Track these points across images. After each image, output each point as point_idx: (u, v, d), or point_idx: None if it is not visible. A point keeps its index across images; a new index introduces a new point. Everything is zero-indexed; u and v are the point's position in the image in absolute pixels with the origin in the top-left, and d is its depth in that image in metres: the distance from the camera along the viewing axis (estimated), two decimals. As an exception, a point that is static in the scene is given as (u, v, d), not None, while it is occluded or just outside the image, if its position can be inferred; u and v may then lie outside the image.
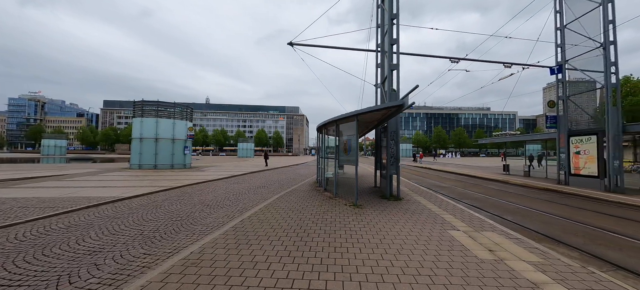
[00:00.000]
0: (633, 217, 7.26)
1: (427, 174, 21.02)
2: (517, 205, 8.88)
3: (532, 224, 6.57)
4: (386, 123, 9.14)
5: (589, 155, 11.96)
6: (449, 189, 12.62)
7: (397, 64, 9.29)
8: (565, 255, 4.39)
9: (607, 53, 11.87)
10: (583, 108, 13.47)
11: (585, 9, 12.73)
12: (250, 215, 6.53)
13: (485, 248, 4.53)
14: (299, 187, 11.67)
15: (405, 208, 7.46)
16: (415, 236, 5.08)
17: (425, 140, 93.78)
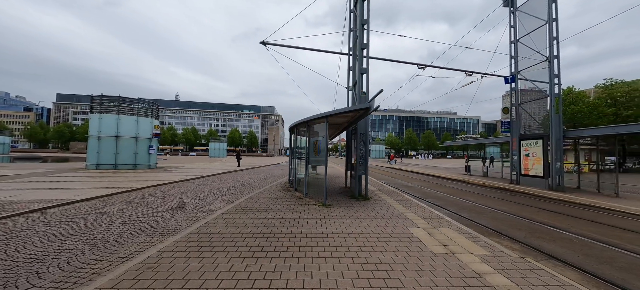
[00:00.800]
0: (568, 212, 8.20)
1: (397, 175, 21.89)
2: (474, 203, 9.60)
3: (483, 220, 7.16)
4: (356, 125, 9.40)
5: (536, 157, 13.26)
6: (415, 189, 13.28)
7: (367, 68, 9.61)
8: (508, 247, 4.86)
9: (552, 66, 13.26)
10: (532, 115, 14.91)
11: (534, 25, 14.12)
12: (216, 217, 6.37)
13: (440, 243, 4.87)
14: (270, 188, 11.57)
15: (372, 207, 7.74)
16: (378, 234, 5.31)
17: (397, 142, 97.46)
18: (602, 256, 4.70)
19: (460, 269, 3.84)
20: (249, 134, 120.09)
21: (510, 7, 15.79)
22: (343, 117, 8.51)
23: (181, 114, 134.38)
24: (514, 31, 15.60)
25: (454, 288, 3.31)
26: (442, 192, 12.36)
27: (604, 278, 3.88)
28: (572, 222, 6.95)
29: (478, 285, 3.39)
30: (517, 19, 15.38)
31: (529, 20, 14.55)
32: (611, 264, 4.36)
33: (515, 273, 3.73)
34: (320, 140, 8.73)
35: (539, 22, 13.84)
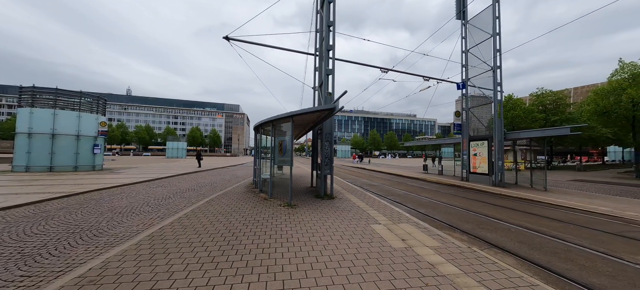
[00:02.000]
0: (507, 205, 9.24)
1: (361, 174, 22.62)
2: (430, 199, 10.33)
3: (438, 214, 7.74)
4: (322, 125, 9.50)
5: (482, 156, 14.72)
6: (378, 187, 13.85)
7: (333, 69, 9.76)
8: (458, 239, 5.32)
9: (495, 75, 14.82)
10: (479, 118, 16.51)
11: (482, 38, 15.65)
12: (172, 221, 5.95)
13: (399, 238, 5.14)
14: (234, 189, 11.15)
15: (336, 206, 7.89)
16: (342, 231, 5.43)
17: (361, 142, 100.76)
18: (533, 243, 5.38)
19: (416, 261, 4.10)
20: (211, 132, 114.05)
21: (462, 20, 17.28)
22: (309, 117, 8.54)
23: (134, 110, 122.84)
24: (465, 42, 17.11)
25: (411, 279, 3.52)
26: (402, 190, 13.08)
27: (534, 261, 4.45)
28: (510, 214, 7.85)
29: (431, 275, 3.66)
30: (468, 31, 16.90)
31: (478, 33, 16.08)
32: (540, 249, 5.02)
33: (463, 262, 4.10)
34: (286, 140, 8.65)
35: (486, 35, 15.37)
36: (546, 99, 31.49)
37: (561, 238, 5.65)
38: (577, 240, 5.49)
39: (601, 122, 23.30)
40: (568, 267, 4.24)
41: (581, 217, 7.55)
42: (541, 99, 31.81)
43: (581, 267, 4.26)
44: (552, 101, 31.23)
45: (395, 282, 3.42)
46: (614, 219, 7.40)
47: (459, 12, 17.26)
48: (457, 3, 17.32)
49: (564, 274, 4.00)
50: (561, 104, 31.10)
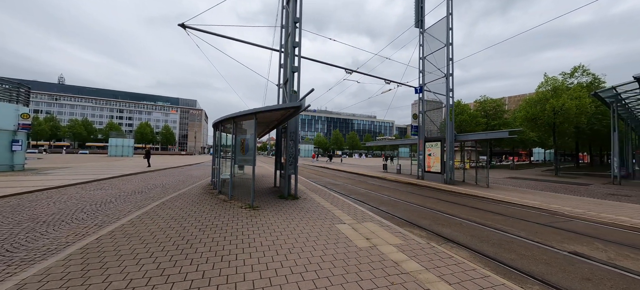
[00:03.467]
0: (457, 201, 10.05)
1: (325, 173, 22.79)
2: (390, 197, 10.76)
3: (399, 212, 8.06)
4: (286, 123, 9.25)
5: (436, 156, 15.87)
6: (341, 186, 14.04)
7: (299, 66, 9.56)
8: (418, 235, 5.55)
9: (448, 82, 16.09)
10: (434, 121, 17.79)
11: (437, 47, 16.85)
12: (113, 229, 5.19)
13: (364, 237, 5.18)
14: (189, 190, 10.28)
15: (301, 206, 7.72)
16: (307, 233, 5.28)
17: (324, 141, 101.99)
18: (482, 236, 5.87)
19: (381, 260, 4.14)
20: (163, 129, 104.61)
21: (420, 29, 18.42)
22: (273, 115, 8.22)
23: (67, 101, 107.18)
24: (422, 49, 18.27)
25: (377, 279, 3.52)
26: (364, 188, 13.43)
27: (485, 253, 4.83)
28: (461, 210, 8.52)
29: (396, 273, 3.71)
30: (425, 40, 18.08)
31: (433, 42, 17.29)
32: (488, 242, 5.48)
33: (424, 258, 4.25)
34: (248, 138, 8.22)
35: (440, 44, 16.60)
36: (487, 106, 35.35)
37: (504, 230, 6.27)
38: (516, 232, 6.14)
39: (530, 127, 26.88)
40: (512, 257, 4.68)
41: (517, 211, 8.52)
42: (483, 105, 35.60)
43: (522, 256, 4.74)
44: (492, 108, 35.18)
45: (362, 284, 3.39)
46: (542, 211, 8.49)
47: (417, 21, 18.36)
48: (416, 13, 18.41)
49: (509, 264, 4.39)
50: (499, 111, 35.21)
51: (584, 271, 4.17)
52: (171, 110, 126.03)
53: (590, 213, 7.98)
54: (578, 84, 25.20)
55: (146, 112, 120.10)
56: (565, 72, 25.98)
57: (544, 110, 23.47)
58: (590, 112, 22.95)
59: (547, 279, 3.90)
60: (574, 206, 9.01)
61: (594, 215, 7.77)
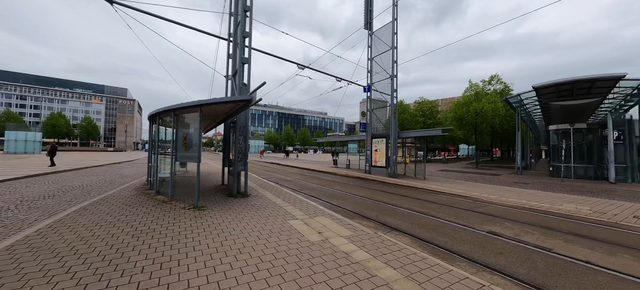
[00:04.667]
0: (400, 193, 10.98)
1: (276, 169, 22.45)
2: (341, 191, 11.16)
3: (348, 205, 8.42)
4: (235, 117, 8.77)
5: (381, 152, 17.02)
6: (293, 182, 14.01)
7: (249, 58, 9.15)
8: (366, 226, 5.88)
9: (392, 82, 17.35)
10: (380, 119, 19.02)
11: (383, 49, 17.98)
12: (13, 243, 4.22)
13: (317, 231, 5.25)
14: (119, 192, 8.99)
15: (251, 204, 7.44)
16: (258, 231, 5.12)
17: (276, 137, 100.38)
18: (420, 223, 6.52)
19: (333, 252, 4.25)
20: (84, 121, 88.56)
21: (369, 30, 19.38)
22: (221, 108, 7.71)
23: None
24: (370, 50, 19.28)
25: (329, 271, 3.60)
26: (316, 183, 13.65)
27: (423, 238, 5.37)
28: (403, 200, 9.32)
29: (347, 263, 3.86)
30: (373, 42, 19.12)
31: (380, 44, 18.40)
32: (425, 228, 6.11)
33: (371, 247, 4.52)
34: (192, 132, 7.55)
35: (386, 47, 17.75)
36: (425, 107, 39.33)
37: (437, 216, 7.07)
38: (447, 217, 6.99)
39: (457, 126, 30.88)
40: (444, 240, 5.31)
41: (448, 199, 9.71)
42: (421, 106, 39.50)
43: (453, 238, 5.42)
44: (429, 108, 39.29)
45: (315, 277, 3.43)
46: (467, 198, 9.85)
47: (366, 23, 19.27)
48: (365, 15, 19.30)
49: (441, 245, 4.97)
50: (434, 111, 39.53)
51: (498, 247, 4.97)
52: (94, 99, 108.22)
53: (501, 198, 9.56)
54: (494, 91, 29.86)
55: (60, 101, 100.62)
56: (484, 79, 30.50)
57: (468, 112, 27.19)
58: (502, 114, 27.44)
59: (471, 256, 4.54)
60: (490, 193, 10.68)
61: (503, 200, 9.34)
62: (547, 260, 4.41)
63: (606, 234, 5.83)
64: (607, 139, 16.61)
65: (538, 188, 12.79)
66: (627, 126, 17.09)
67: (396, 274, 3.60)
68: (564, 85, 14.70)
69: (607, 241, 5.37)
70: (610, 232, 6.01)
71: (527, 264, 4.23)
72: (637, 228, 6.25)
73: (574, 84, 14.54)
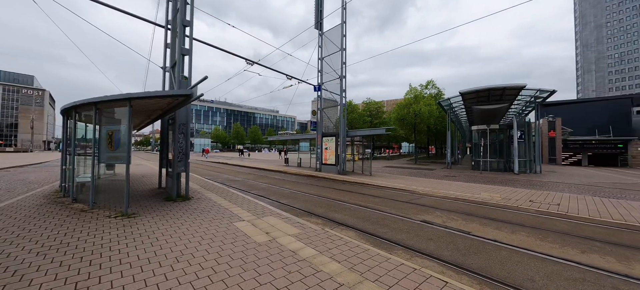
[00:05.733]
0: (347, 189, 11.47)
1: (223, 169, 21.26)
2: (291, 190, 11.14)
3: (298, 203, 8.46)
4: (174, 114, 8.01)
5: (331, 150, 17.53)
6: (241, 182, 13.46)
7: (190, 49, 8.45)
8: (314, 223, 5.99)
9: (342, 83, 17.99)
10: (330, 118, 19.55)
11: (333, 50, 18.50)
12: None
13: (264, 232, 5.15)
14: (20, 201, 7.40)
15: (193, 207, 6.91)
16: (199, 236, 4.78)
17: (224, 135, 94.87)
18: (365, 216, 6.92)
19: (280, 251, 4.22)
20: (-31, 114, 70.27)
21: (319, 30, 19.69)
22: (156, 103, 6.94)
23: None
24: (321, 50, 19.63)
25: (275, 271, 3.57)
26: (265, 183, 13.35)
27: (366, 231, 5.71)
28: (350, 196, 9.76)
29: (293, 261, 3.87)
30: (323, 42, 19.50)
31: (330, 45, 18.88)
32: (369, 221, 6.51)
33: (319, 243, 4.62)
34: (121, 130, 6.63)
35: (336, 48, 18.30)
36: (371, 107, 41.82)
37: (380, 210, 7.61)
38: (388, 210, 7.57)
39: (399, 126, 33.65)
40: (385, 231, 5.74)
41: (390, 193, 10.52)
42: (369, 106, 41.90)
43: (392, 229, 5.89)
44: (375, 109, 41.89)
45: (260, 278, 3.36)
46: (406, 192, 10.81)
47: (317, 23, 19.53)
48: (316, 15, 19.54)
49: (382, 236, 5.37)
50: (380, 112, 42.32)
51: (429, 233, 5.59)
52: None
53: (434, 190, 10.76)
54: (429, 95, 33.36)
55: None
56: (422, 84, 33.85)
57: (409, 113, 29.86)
58: (436, 116, 30.85)
59: (407, 244, 5.00)
60: (425, 186, 11.92)
61: (435, 191, 10.52)
62: (466, 242, 5.13)
63: (510, 216, 7.05)
64: (513, 138, 20.08)
65: (463, 180, 14.77)
66: (527, 127, 20.93)
67: (340, 267, 3.75)
68: (482, 92, 17.23)
69: (510, 222, 6.50)
70: (513, 214, 7.29)
71: (451, 247, 4.85)
72: (531, 209, 7.71)
73: (489, 91, 17.14)
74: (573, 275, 3.83)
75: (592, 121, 53.51)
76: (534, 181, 15.32)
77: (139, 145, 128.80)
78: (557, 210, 7.58)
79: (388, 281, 3.38)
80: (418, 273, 3.60)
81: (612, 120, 54.85)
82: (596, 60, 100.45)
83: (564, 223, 6.49)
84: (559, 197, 9.46)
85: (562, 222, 6.54)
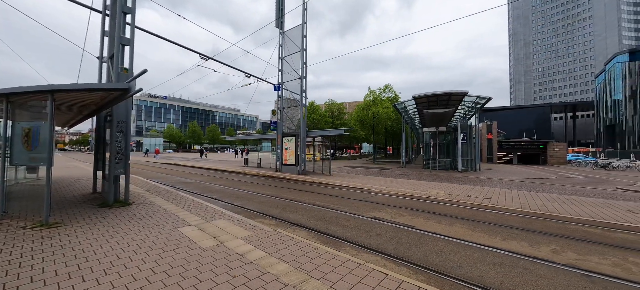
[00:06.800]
0: (306, 189, 11.53)
1: (175, 171, 19.78)
2: (247, 191, 10.81)
3: (252, 205, 8.24)
4: (111, 109, 7.20)
5: (291, 150, 17.44)
6: (194, 185, 12.66)
7: (132, 39, 7.69)
8: (267, 224, 5.88)
9: (302, 83, 18.01)
10: (291, 118, 19.43)
11: (294, 50, 18.43)
12: None
13: (211, 236, 4.90)
14: None
15: (133, 213, 6.29)
16: (136, 245, 4.37)
17: (178, 134, 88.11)
18: (319, 215, 7.01)
19: (226, 256, 4.06)
20: None
21: (280, 29, 19.44)
22: (87, 97, 6.16)
23: None
24: (281, 49, 19.40)
25: (218, 276, 3.42)
26: (221, 185, 12.76)
27: (319, 230, 5.79)
28: (308, 196, 9.82)
29: (239, 265, 3.75)
30: (284, 41, 19.31)
31: (291, 45, 18.77)
32: (322, 220, 6.61)
33: (269, 244, 4.55)
34: (40, 126, 5.74)
35: (297, 48, 18.26)
36: (333, 108, 42.65)
37: (335, 208, 7.78)
38: (343, 208, 7.78)
39: (359, 127, 34.89)
40: (336, 229, 5.89)
41: (347, 192, 10.84)
42: (330, 107, 42.66)
43: (344, 226, 6.07)
44: (337, 110, 42.81)
45: (200, 285, 3.18)
46: (362, 190, 11.24)
47: (277, 21, 19.27)
48: (277, 13, 19.26)
49: (333, 234, 5.49)
50: (341, 113, 43.36)
51: (377, 229, 5.88)
52: None
53: (387, 188, 11.36)
54: (387, 98, 35.18)
55: None
56: (380, 87, 35.55)
57: (368, 115, 31.12)
58: (393, 118, 32.64)
59: (356, 240, 5.19)
60: (380, 184, 12.52)
61: (389, 189, 11.12)
62: (409, 235, 5.51)
63: (450, 210, 7.76)
64: (457, 139, 22.19)
65: (414, 178, 15.87)
66: (469, 130, 23.29)
67: (288, 267, 3.74)
68: (432, 96, 18.70)
69: (449, 215, 7.16)
70: (453, 208, 8.05)
71: (395, 241, 5.17)
72: (468, 203, 8.59)
73: (438, 97, 18.68)
74: (494, 260, 4.36)
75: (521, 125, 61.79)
76: (474, 178, 17.12)
77: (75, 144, 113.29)
78: (488, 203, 8.56)
79: (333, 278, 3.47)
80: (362, 268, 3.75)
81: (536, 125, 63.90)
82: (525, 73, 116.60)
83: (493, 214, 7.35)
84: (492, 192, 10.71)
85: (491, 214, 7.41)
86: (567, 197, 9.88)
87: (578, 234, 5.78)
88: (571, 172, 24.19)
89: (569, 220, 6.83)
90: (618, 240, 5.39)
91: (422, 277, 3.78)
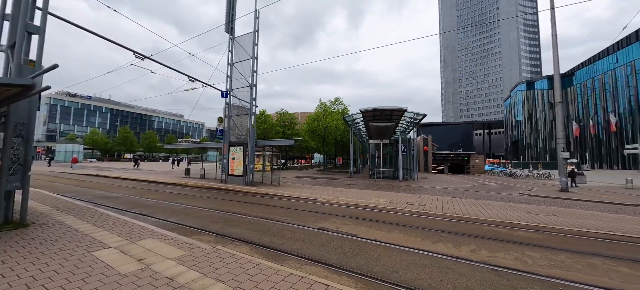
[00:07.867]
0: (253, 201, 11.08)
1: (97, 184, 17.01)
2: (185, 205, 9.87)
3: (190, 220, 7.54)
4: (7, 109, 5.88)
5: (239, 160, 16.67)
6: (120, 199, 11.04)
7: (43, 27, 6.49)
8: (205, 241, 5.42)
9: (252, 91, 17.54)
10: (239, 127, 18.64)
11: (245, 57, 17.90)
12: None
13: (135, 259, 4.29)
14: None
15: (31, 236, 5.15)
16: (30, 276, 3.56)
17: (105, 141, 76.17)
18: (264, 229, 6.77)
19: (152, 281, 3.59)
20: None
21: (230, 35, 18.74)
22: (-32, 93, 4.91)
23: None
24: (231, 55, 18.67)
25: (138, 306, 2.98)
26: (154, 198, 11.40)
27: (262, 244, 5.57)
28: (254, 208, 9.43)
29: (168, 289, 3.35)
30: (234, 47, 18.64)
31: (242, 52, 18.21)
32: (267, 233, 6.40)
33: (205, 264, 4.19)
34: None
35: (247, 55, 17.79)
36: (285, 118, 42.50)
37: (281, 220, 7.63)
38: (289, 220, 7.67)
39: (310, 137, 35.40)
40: (281, 242, 5.75)
41: (295, 203, 10.76)
42: (282, 117, 42.42)
43: (289, 239, 5.96)
44: (288, 120, 42.75)
45: (113, 319, 2.73)
46: (310, 200, 11.29)
47: (227, 26, 18.56)
48: (227, 17, 18.57)
49: (277, 248, 5.35)
50: (293, 123, 43.44)
51: (322, 240, 5.93)
52: None
53: (335, 198, 11.65)
54: (337, 110, 36.58)
55: None
56: (331, 100, 36.83)
57: (319, 126, 31.83)
58: (342, 129, 33.98)
59: (300, 253, 5.14)
60: (328, 194, 12.78)
61: (336, 199, 11.41)
62: (352, 244, 5.70)
63: (391, 217, 8.31)
64: (398, 151, 24.18)
65: (361, 188, 16.65)
66: (409, 143, 25.59)
67: (225, 287, 3.48)
68: (377, 111, 20.11)
69: (390, 222, 7.66)
70: (393, 215, 8.64)
71: (338, 251, 5.28)
72: (406, 211, 9.33)
73: (382, 111, 20.16)
74: (424, 262, 4.78)
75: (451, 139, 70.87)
76: (412, 187, 18.78)
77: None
78: (423, 209, 9.44)
79: (272, 294, 3.34)
80: (304, 281, 3.71)
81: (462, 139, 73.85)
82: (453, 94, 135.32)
83: (426, 220, 8.12)
84: (426, 199, 11.87)
85: (425, 219, 8.17)
86: (484, 201, 11.53)
87: (490, 233, 6.76)
88: (488, 180, 28.42)
89: (484, 222, 7.94)
90: (519, 237, 6.47)
91: (361, 285, 3.92)
